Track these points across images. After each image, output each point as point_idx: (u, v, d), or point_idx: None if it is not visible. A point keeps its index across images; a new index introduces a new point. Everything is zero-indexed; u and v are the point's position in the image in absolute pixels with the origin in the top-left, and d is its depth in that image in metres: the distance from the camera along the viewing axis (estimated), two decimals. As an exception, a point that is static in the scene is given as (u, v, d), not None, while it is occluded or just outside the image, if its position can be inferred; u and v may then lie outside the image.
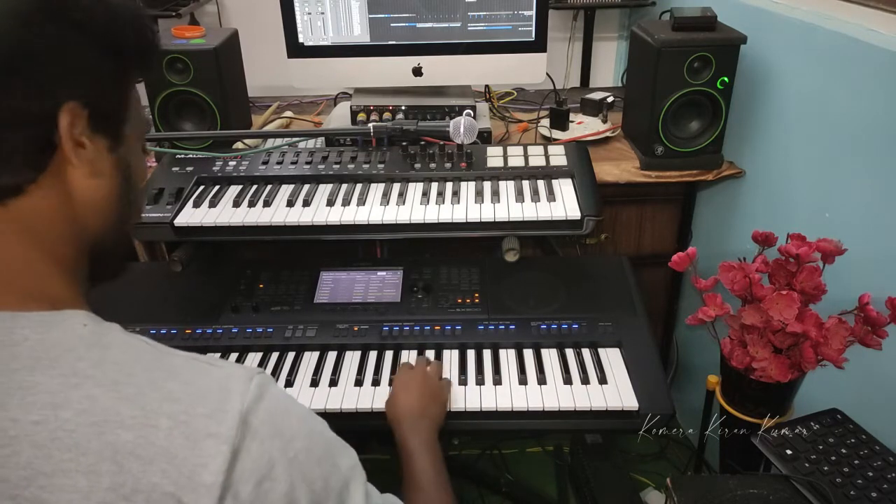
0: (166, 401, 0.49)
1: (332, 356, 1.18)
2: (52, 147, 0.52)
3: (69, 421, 0.46)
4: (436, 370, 1.11)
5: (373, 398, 1.09)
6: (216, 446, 0.48)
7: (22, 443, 0.45)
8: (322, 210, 1.22)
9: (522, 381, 1.12)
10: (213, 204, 1.24)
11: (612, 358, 1.17)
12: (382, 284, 1.32)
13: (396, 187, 1.29)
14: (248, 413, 0.50)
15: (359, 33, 1.47)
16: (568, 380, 1.12)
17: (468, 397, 1.10)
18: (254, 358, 1.19)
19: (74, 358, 0.49)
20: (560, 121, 1.59)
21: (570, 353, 1.18)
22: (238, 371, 0.54)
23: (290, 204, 1.23)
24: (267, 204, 1.24)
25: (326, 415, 1.09)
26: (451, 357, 1.18)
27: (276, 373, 1.14)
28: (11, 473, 0.45)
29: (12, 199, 0.52)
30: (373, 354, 1.19)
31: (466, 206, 1.22)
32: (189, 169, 1.33)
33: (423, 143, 1.38)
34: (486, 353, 1.19)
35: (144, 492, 0.46)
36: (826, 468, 0.91)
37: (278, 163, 1.35)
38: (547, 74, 1.57)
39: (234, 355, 1.19)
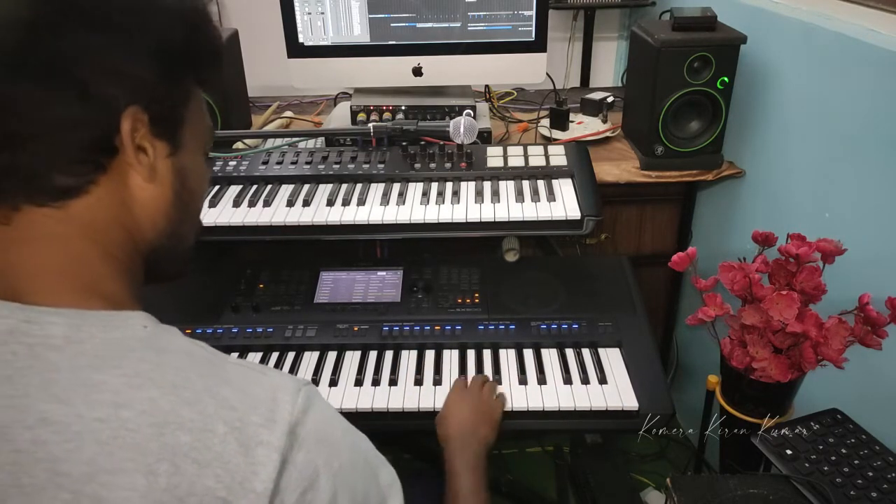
0: (222, 407, 0.50)
1: (332, 356, 1.18)
2: (114, 150, 0.53)
3: (131, 420, 0.47)
4: (490, 389, 1.10)
5: (373, 398, 1.09)
6: (267, 454, 0.49)
7: (85, 439, 0.46)
8: (322, 210, 1.22)
9: (522, 381, 1.12)
10: (212, 204, 1.24)
11: (612, 358, 1.17)
12: (382, 284, 1.32)
13: (396, 187, 1.29)
14: (297, 424, 0.51)
15: (359, 33, 1.47)
16: (568, 380, 1.12)
17: (468, 397, 1.10)
18: (254, 358, 1.19)
19: (137, 359, 0.50)
20: (560, 121, 1.59)
21: (570, 353, 1.18)
22: (287, 382, 0.54)
23: (290, 204, 1.23)
24: (267, 204, 1.24)
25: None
26: (451, 357, 1.18)
27: (276, 373, 1.14)
28: (73, 468, 0.45)
29: (73, 199, 0.52)
30: (373, 354, 1.19)
31: (466, 206, 1.22)
32: (189, 169, 1.33)
33: (423, 143, 1.38)
34: (486, 353, 1.19)
35: (198, 495, 0.46)
36: (826, 468, 0.91)
37: (278, 163, 1.35)
38: (547, 74, 1.57)
39: (233, 355, 1.18)
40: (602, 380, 1.12)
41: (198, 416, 0.48)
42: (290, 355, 1.19)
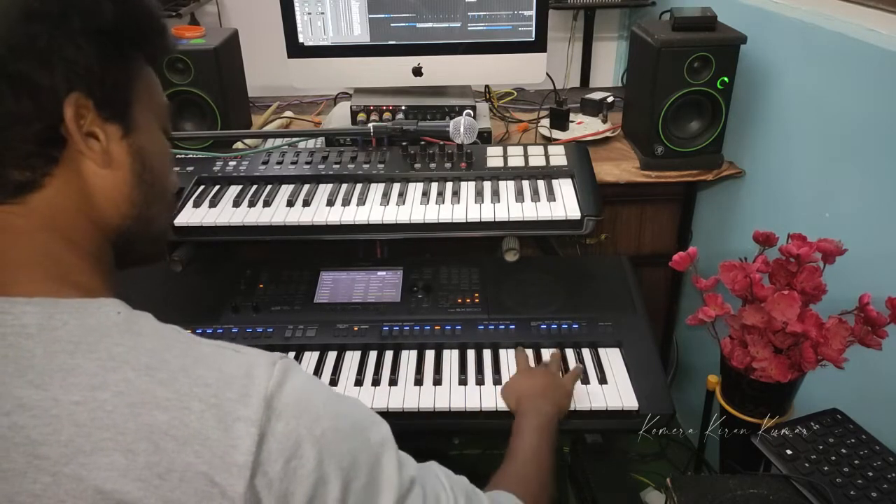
0: (197, 385, 0.51)
1: (332, 356, 1.18)
2: (63, 140, 0.53)
3: (107, 402, 0.48)
4: (557, 366, 1.11)
5: (373, 398, 1.09)
6: (245, 428, 0.50)
7: (63, 421, 0.47)
8: (322, 210, 1.22)
9: (522, 381, 1.12)
10: (213, 204, 1.24)
11: (612, 358, 1.17)
12: (382, 284, 1.32)
13: (396, 187, 1.29)
14: (272, 396, 0.52)
15: (359, 33, 1.47)
16: (568, 380, 1.12)
17: (468, 397, 1.10)
18: (254, 358, 1.18)
19: (111, 343, 0.51)
20: (560, 121, 1.59)
21: (570, 353, 1.18)
22: (262, 357, 0.55)
23: (290, 204, 1.23)
24: (267, 204, 1.24)
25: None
26: (451, 357, 1.18)
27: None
28: (52, 451, 0.46)
29: (31, 193, 0.53)
30: (373, 354, 1.19)
31: (466, 206, 1.22)
32: (189, 169, 1.33)
33: (423, 143, 1.38)
34: (486, 353, 1.18)
35: (179, 471, 0.47)
36: (826, 468, 0.91)
37: (278, 163, 1.35)
38: (547, 74, 1.57)
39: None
40: (602, 380, 1.12)
41: (173, 395, 0.49)
42: (290, 355, 1.18)
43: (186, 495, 0.47)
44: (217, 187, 1.30)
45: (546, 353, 1.18)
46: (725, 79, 1.36)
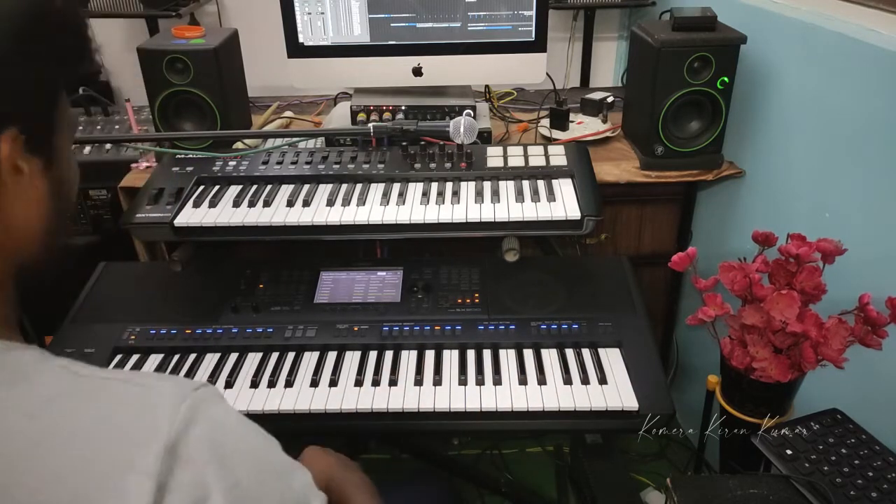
0: (77, 438, 0.44)
1: (332, 356, 1.18)
2: None
3: None
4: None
5: (373, 398, 1.09)
6: (138, 483, 0.43)
7: None
8: (322, 210, 1.22)
9: (522, 381, 1.12)
10: (213, 204, 1.24)
11: (612, 358, 1.17)
12: (382, 284, 1.32)
13: (396, 187, 1.29)
14: (177, 441, 0.45)
15: (359, 33, 1.47)
16: (568, 380, 1.12)
17: (468, 397, 1.10)
18: (253, 358, 1.18)
19: None
20: (560, 121, 1.59)
21: (570, 353, 1.18)
22: (168, 395, 0.48)
23: (290, 204, 1.23)
24: (267, 204, 1.24)
25: (327, 415, 1.09)
26: (451, 357, 1.18)
27: (276, 373, 1.14)
28: None
29: None
30: (373, 354, 1.19)
31: (466, 206, 1.22)
32: (189, 169, 1.33)
33: (423, 143, 1.38)
34: (486, 353, 1.18)
35: None
36: (826, 468, 0.91)
37: (278, 163, 1.35)
38: (547, 74, 1.57)
39: (233, 355, 1.19)
40: (602, 380, 1.12)
41: (47, 455, 0.43)
42: (290, 355, 1.18)
43: None
44: (217, 187, 1.30)
45: (546, 353, 1.18)
46: (725, 79, 1.36)
